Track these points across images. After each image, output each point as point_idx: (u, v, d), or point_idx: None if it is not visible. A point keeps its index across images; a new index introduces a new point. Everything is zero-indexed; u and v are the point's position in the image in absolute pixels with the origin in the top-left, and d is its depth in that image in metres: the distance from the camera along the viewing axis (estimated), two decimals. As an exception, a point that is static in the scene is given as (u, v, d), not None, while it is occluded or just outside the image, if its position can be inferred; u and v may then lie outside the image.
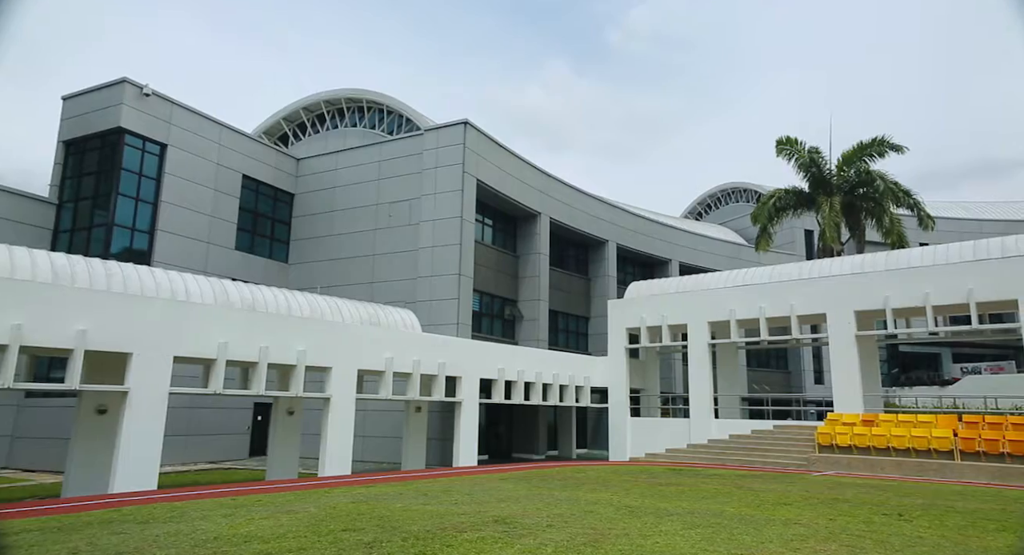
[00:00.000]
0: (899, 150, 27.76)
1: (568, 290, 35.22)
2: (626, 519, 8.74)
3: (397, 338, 19.02)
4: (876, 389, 22.67)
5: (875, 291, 20.26)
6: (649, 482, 13.89)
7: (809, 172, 29.39)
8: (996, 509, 10.43)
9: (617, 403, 24.96)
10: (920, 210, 28.29)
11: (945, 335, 22.25)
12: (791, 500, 11.02)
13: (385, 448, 23.90)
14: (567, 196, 33.35)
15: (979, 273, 18.69)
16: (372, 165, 29.00)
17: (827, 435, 19.00)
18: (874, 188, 28.19)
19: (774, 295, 22.17)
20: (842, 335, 20.74)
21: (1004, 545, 7.53)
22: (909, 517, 9.39)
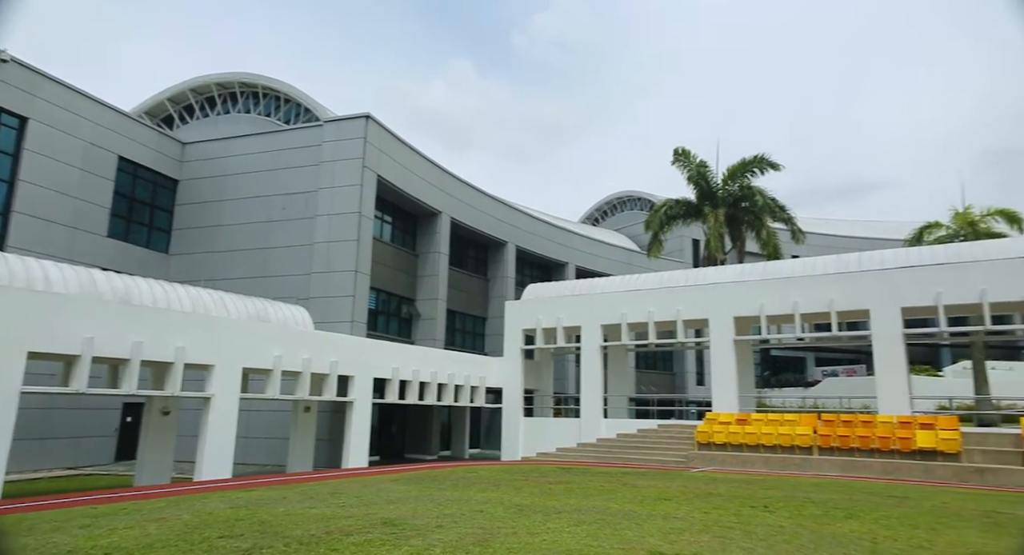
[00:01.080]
0: (776, 168, 30.00)
1: (467, 290, 35.28)
2: (515, 518, 8.86)
3: (287, 335, 18.26)
4: (750, 390, 24.35)
5: (752, 299, 21.76)
6: (539, 481, 14.15)
7: (698, 184, 31.13)
8: (845, 499, 11.49)
9: (511, 403, 25.28)
10: (793, 225, 30.67)
11: (810, 341, 24.27)
12: (671, 495, 11.60)
13: (270, 450, 22.87)
14: (469, 196, 33.40)
15: (840, 285, 20.54)
16: (267, 154, 27.69)
17: (705, 433, 20.18)
18: (754, 202, 30.28)
19: (663, 300, 23.28)
20: (722, 339, 22.11)
21: (849, 530, 8.31)
22: (773, 508, 10.14)
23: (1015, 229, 26.46)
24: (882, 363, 19.70)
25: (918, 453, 17.13)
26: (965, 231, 27.31)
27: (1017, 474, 15.68)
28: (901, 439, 17.47)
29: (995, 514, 10.11)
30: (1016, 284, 18.00)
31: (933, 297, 18.93)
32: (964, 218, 27.73)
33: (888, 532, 8.28)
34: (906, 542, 7.65)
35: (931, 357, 49.34)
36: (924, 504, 11.04)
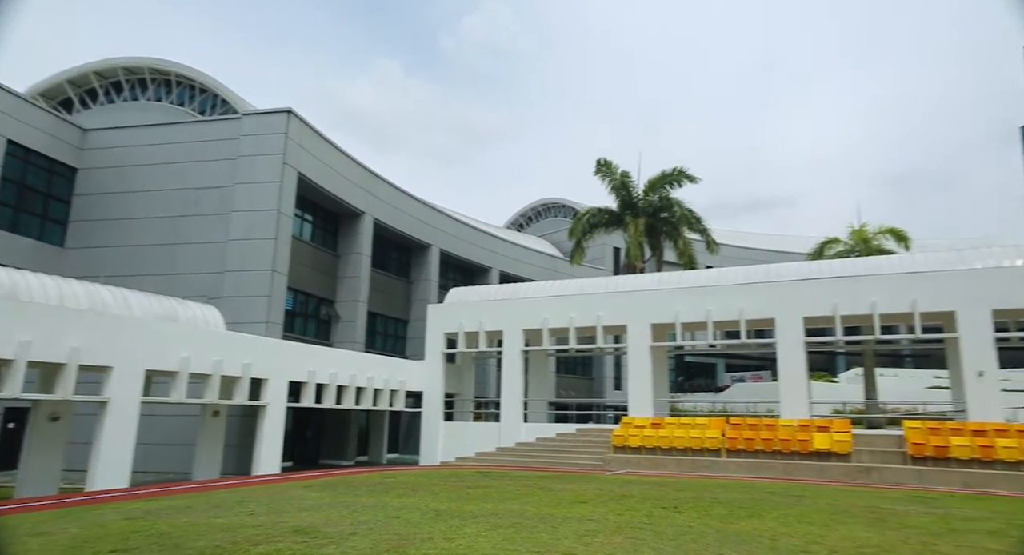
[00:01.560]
0: (693, 180, 31.27)
1: (389, 293, 34.74)
2: (432, 523, 8.77)
3: (196, 336, 17.37)
4: (664, 395, 25.19)
5: (669, 306, 22.55)
6: (457, 485, 14.09)
7: (620, 194, 31.99)
8: (749, 498, 12.07)
9: (431, 407, 25.06)
10: (708, 236, 32.03)
11: (721, 347, 25.38)
12: (586, 498, 11.82)
13: (173, 457, 21.64)
14: (393, 197, 32.93)
15: (749, 295, 21.62)
16: (179, 146, 26.29)
17: (621, 437, 20.70)
18: (672, 213, 31.43)
19: (584, 306, 23.74)
20: (639, 345, 22.77)
21: (751, 528, 8.73)
22: (682, 509, 10.52)
23: (902, 246, 28.70)
24: (785, 369, 20.87)
25: (815, 454, 18.23)
26: (860, 247, 29.37)
27: (899, 472, 16.97)
28: (800, 441, 18.54)
29: (879, 510, 10.89)
30: (902, 297, 19.50)
31: (831, 308, 20.23)
32: (859, 235, 29.82)
33: (786, 529, 8.75)
34: (802, 538, 8.12)
35: (828, 364, 52.65)
36: (819, 502, 11.76)
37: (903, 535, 8.51)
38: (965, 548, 7.76)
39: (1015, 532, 9.07)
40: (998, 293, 18.64)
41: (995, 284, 18.78)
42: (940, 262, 20.38)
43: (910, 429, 18.01)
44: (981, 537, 8.62)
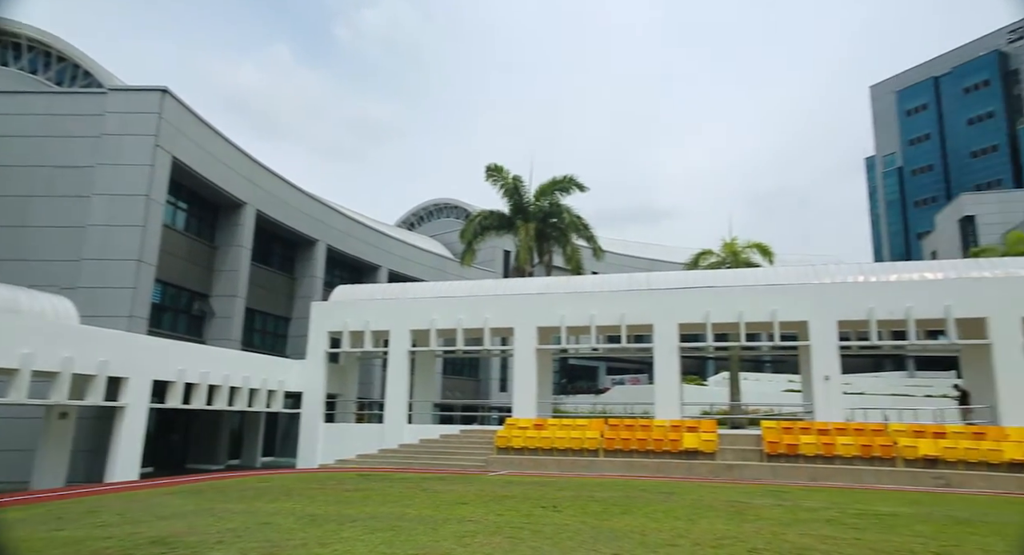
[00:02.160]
0: (583, 188, 32.30)
1: (270, 288, 33.12)
2: (307, 528, 8.44)
3: (42, 329, 15.68)
4: (548, 397, 25.80)
5: (555, 310, 23.12)
6: (336, 489, 13.66)
7: (511, 198, 32.44)
8: (623, 496, 12.62)
9: (311, 408, 24.15)
10: (595, 243, 33.21)
11: (603, 351, 26.37)
12: (468, 499, 11.85)
13: (9, 464, 19.38)
14: (278, 189, 31.46)
15: (630, 301, 22.62)
16: (30, 118, 23.63)
17: (505, 438, 20.96)
18: (562, 219, 32.30)
19: (472, 308, 23.82)
20: (526, 347, 23.17)
21: (624, 524, 9.13)
22: (560, 508, 10.81)
23: (766, 260, 31.22)
24: (660, 372, 22.03)
25: (684, 453, 19.37)
26: (730, 259, 31.62)
27: (757, 469, 18.40)
28: (671, 441, 19.63)
29: (737, 503, 11.75)
30: (764, 307, 21.19)
31: (703, 316, 21.60)
32: (730, 248, 32.08)
33: (656, 524, 9.23)
34: (669, 532, 8.59)
35: (699, 368, 56.18)
36: (685, 498, 12.50)
37: (757, 526, 9.22)
38: (807, 536, 8.54)
39: (848, 520, 10.09)
40: (843, 306, 20.71)
41: (841, 298, 20.85)
42: (797, 276, 22.33)
43: (767, 429, 19.58)
44: (821, 525, 9.52)
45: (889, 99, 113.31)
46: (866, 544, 8.08)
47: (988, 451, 16.98)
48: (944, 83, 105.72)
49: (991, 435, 17.68)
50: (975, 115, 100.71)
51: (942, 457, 17.25)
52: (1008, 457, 16.76)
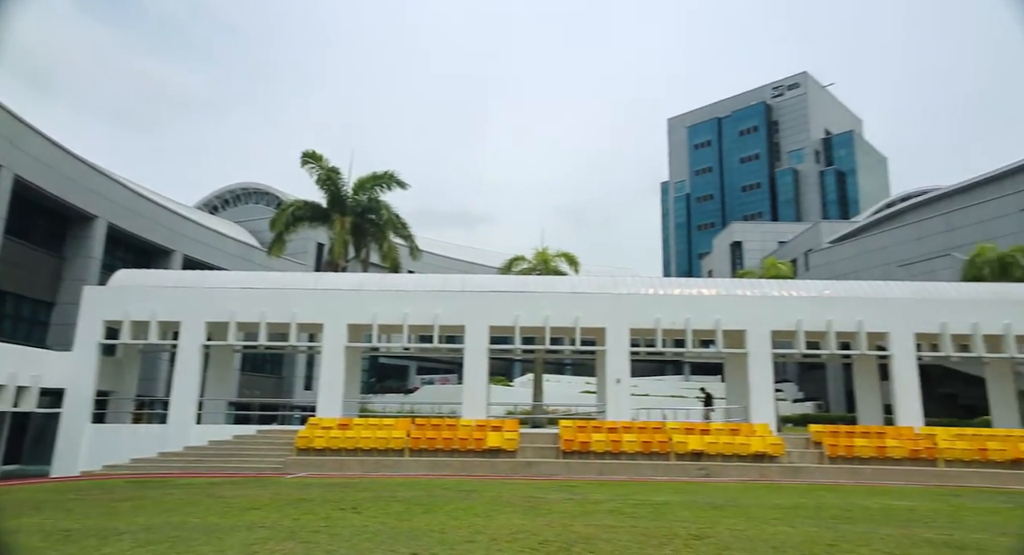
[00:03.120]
0: (403, 186, 31.99)
1: (29, 268, 28.35)
2: (58, 547, 7.33)
3: None
4: (355, 396, 25.12)
5: (368, 308, 22.59)
6: (100, 499, 12.03)
7: (328, 189, 31.14)
8: (426, 495, 12.68)
9: (74, 407, 21.03)
10: (412, 242, 33.05)
11: (415, 350, 26.31)
12: (260, 504, 11.10)
13: None
14: (46, 152, 27.08)
15: (444, 301, 22.85)
16: None
17: (306, 438, 20.00)
18: (380, 216, 31.70)
19: (279, 301, 22.43)
20: (335, 345, 22.34)
21: (425, 524, 9.17)
22: (361, 509, 10.56)
23: (573, 269, 33.42)
24: (470, 373, 22.51)
25: (488, 452, 19.98)
26: (541, 266, 33.35)
27: (553, 465, 19.57)
28: (476, 440, 20.14)
29: (533, 499, 12.38)
30: (568, 313, 22.63)
31: (513, 319, 22.50)
32: (541, 256, 33.83)
33: (455, 522, 9.39)
34: (468, 529, 8.79)
35: (507, 369, 58.47)
36: (486, 495, 12.89)
37: (549, 520, 9.78)
38: (592, 526, 9.26)
39: (628, 509, 11.12)
40: (635, 315, 22.82)
41: (634, 307, 22.96)
42: (598, 286, 24.17)
43: (564, 427, 20.90)
44: (604, 515, 10.38)
45: (682, 132, 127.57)
46: (640, 531, 8.94)
47: (740, 445, 19.74)
48: (725, 124, 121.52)
49: (743, 431, 20.58)
50: (746, 155, 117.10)
51: (706, 451, 19.71)
52: (754, 449, 19.63)
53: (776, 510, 11.52)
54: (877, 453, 19.69)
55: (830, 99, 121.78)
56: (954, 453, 19.65)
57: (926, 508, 12.40)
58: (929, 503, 13.29)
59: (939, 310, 22.68)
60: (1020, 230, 35.03)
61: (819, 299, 23.34)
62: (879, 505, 12.66)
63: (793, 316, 22.60)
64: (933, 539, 8.90)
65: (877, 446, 19.84)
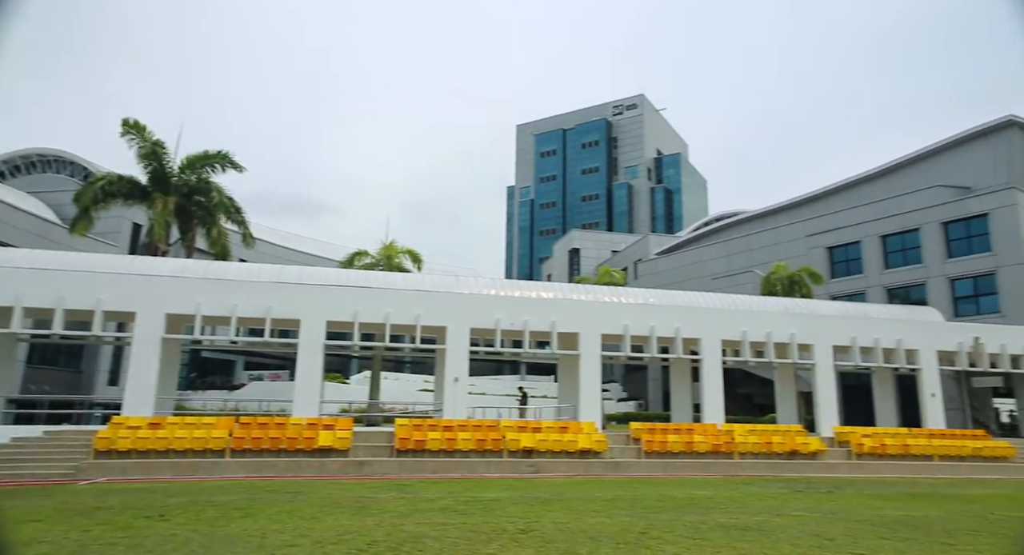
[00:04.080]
0: (239, 168, 29.77)
1: None
2: None
3: None
4: (171, 392, 22.92)
5: (191, 297, 20.71)
6: None
7: (150, 164, 28.15)
8: (246, 499, 11.89)
9: None
10: (246, 229, 30.84)
11: (243, 344, 24.61)
12: (42, 516, 9.73)
13: None
14: None
15: (280, 294, 21.59)
16: None
17: (107, 440, 17.87)
18: (210, 198, 29.23)
19: (80, 285, 19.84)
20: (149, 336, 20.20)
21: (243, 529, 8.58)
22: (169, 516, 9.65)
23: (416, 267, 33.17)
24: (303, 369, 21.47)
25: (318, 451, 19.17)
26: (384, 262, 32.68)
27: (386, 464, 19.25)
28: (306, 439, 19.25)
29: (363, 499, 12.10)
30: (410, 311, 22.42)
31: (352, 315, 21.82)
32: (385, 252, 33.16)
33: (277, 526, 8.89)
34: (291, 532, 8.36)
35: (343, 366, 56.59)
36: (313, 497, 12.36)
37: (379, 520, 9.61)
38: (423, 524, 9.24)
39: (459, 507, 11.25)
40: (476, 315, 23.16)
41: (475, 307, 23.29)
42: (441, 284, 24.25)
43: (399, 426, 20.66)
44: (436, 513, 10.41)
45: (529, 139, 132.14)
46: (470, 527, 9.08)
47: (568, 442, 20.80)
48: (570, 136, 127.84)
49: (571, 429, 21.70)
50: (587, 167, 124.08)
51: (537, 448, 20.51)
52: (581, 446, 20.79)
53: (597, 503, 12.28)
54: (686, 448, 21.73)
55: (663, 122, 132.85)
56: (747, 447, 22.24)
57: (722, 496, 13.91)
58: (725, 491, 14.93)
59: (741, 320, 25.58)
60: (806, 253, 40.56)
61: (644, 306, 25.28)
62: (685, 495, 13.98)
63: (621, 321, 24.25)
64: (725, 523, 10.01)
65: (686, 441, 21.89)
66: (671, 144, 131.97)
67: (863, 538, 8.99)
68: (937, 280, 34.03)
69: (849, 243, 38.50)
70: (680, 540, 8.44)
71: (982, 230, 32.93)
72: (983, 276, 32.64)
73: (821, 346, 25.88)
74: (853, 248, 38.24)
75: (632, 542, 8.25)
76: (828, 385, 25.92)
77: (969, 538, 9.28)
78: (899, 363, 26.90)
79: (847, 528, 9.84)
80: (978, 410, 32.07)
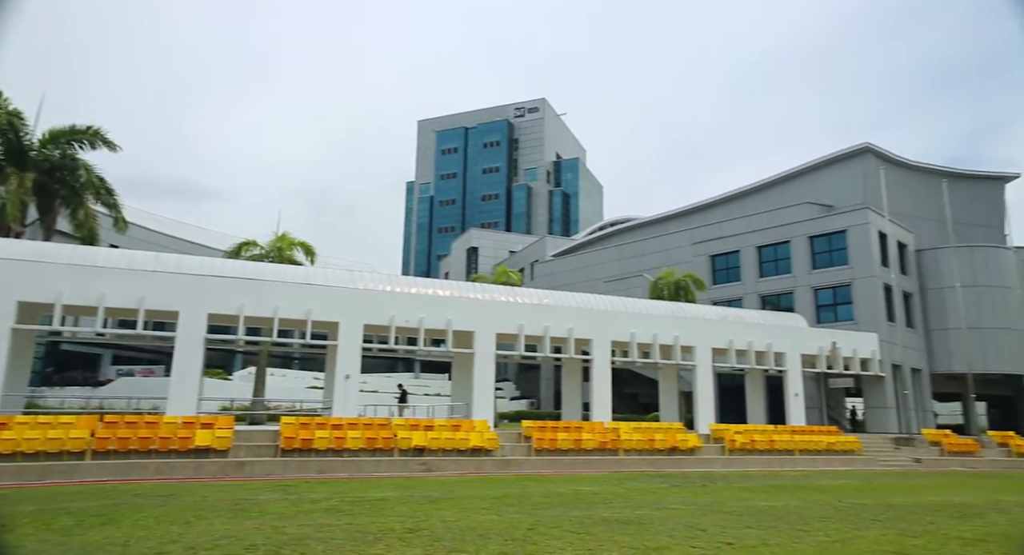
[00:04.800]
0: (112, 147, 27.30)
1: None
2: None
3: None
4: (23, 388, 20.71)
5: (49, 283, 18.81)
6: None
7: (6, 137, 25.28)
8: (109, 504, 10.95)
9: None
10: (118, 212, 28.34)
11: (111, 337, 22.69)
12: None
13: None
14: None
15: (155, 283, 20.06)
16: None
17: (-59, 442, 15.86)
18: (77, 177, 26.66)
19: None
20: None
21: (103, 538, 7.89)
22: (13, 527, 8.70)
23: (309, 260, 31.91)
24: (180, 364, 20.07)
25: (194, 451, 17.99)
26: (274, 254, 31.18)
27: (269, 464, 18.39)
28: (181, 439, 18.01)
29: (243, 501, 11.50)
30: (301, 305, 21.57)
31: (237, 307, 20.68)
32: (278, 242, 31.63)
33: (143, 532, 8.26)
34: (159, 539, 7.79)
35: (226, 361, 53.52)
36: (187, 500, 11.60)
37: (258, 522, 9.16)
38: (306, 526, 8.91)
39: (346, 507, 10.95)
40: (371, 311, 22.66)
41: (370, 303, 22.77)
42: (335, 279, 23.49)
43: (285, 424, 19.81)
44: (320, 514, 10.07)
45: (431, 136, 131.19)
46: (356, 528, 8.86)
47: (460, 440, 20.81)
48: (471, 135, 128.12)
49: (464, 427, 21.73)
50: (488, 167, 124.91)
51: (428, 446, 20.36)
52: (473, 444, 20.86)
53: (486, 500, 12.37)
54: (575, 445, 22.36)
55: (563, 127, 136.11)
56: (631, 444, 23.22)
57: (607, 491, 14.43)
58: (610, 487, 15.51)
59: (630, 322, 26.68)
60: (692, 260, 42.94)
61: (539, 307, 25.76)
62: (571, 491, 14.38)
63: (517, 321, 24.58)
64: (608, 517, 10.39)
65: (575, 439, 22.53)
66: (570, 149, 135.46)
67: (731, 527, 9.63)
68: (803, 289, 37.07)
69: (730, 252, 41.11)
70: (565, 535, 8.66)
71: (841, 245, 36.21)
72: (841, 287, 35.91)
73: (702, 348, 27.50)
74: (733, 257, 40.87)
75: (519, 538, 8.37)
76: (707, 385, 27.58)
77: (821, 524, 10.19)
78: (769, 365, 29.11)
79: (718, 519, 10.50)
80: (833, 408, 35.30)
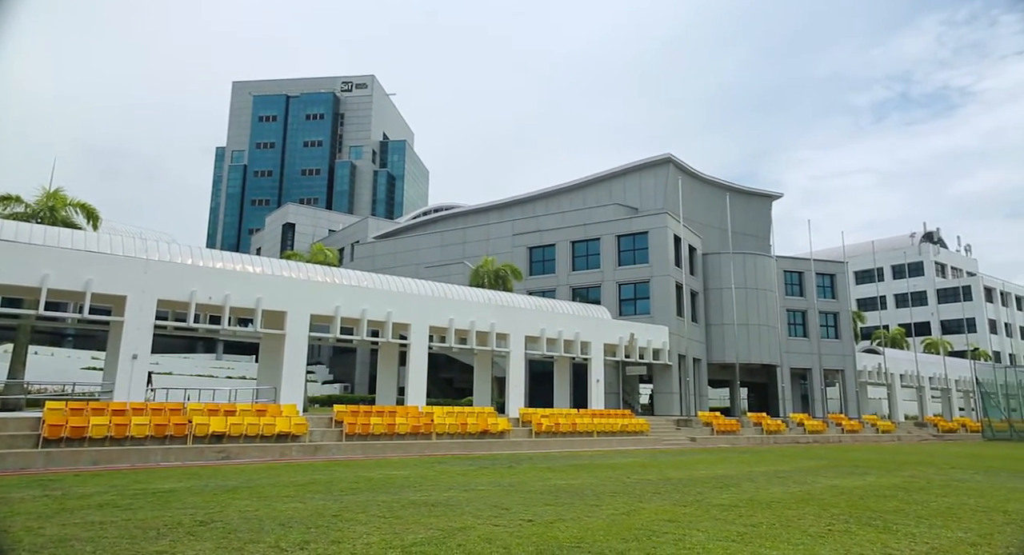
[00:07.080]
0: None
1: None
2: None
3: None
4: None
5: None
6: None
7: None
8: None
9: None
10: None
11: None
12: None
13: None
14: None
15: None
16: None
17: None
18: None
19: None
20: None
21: None
22: None
23: (91, 225, 27.88)
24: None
25: (-79, 444, 14.95)
26: (45, 214, 26.79)
27: (27, 456, 15.84)
28: (-96, 430, 14.86)
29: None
30: (79, 275, 18.84)
31: (-8, 274, 17.51)
32: (46, 201, 27.12)
33: None
34: None
35: (-27, 338, 45.09)
36: (-91, 503, 9.60)
37: (7, 524, 7.87)
38: (71, 525, 7.82)
39: (124, 501, 9.80)
40: (167, 285, 20.46)
41: (166, 277, 20.56)
42: (123, 247, 20.84)
43: (51, 411, 17.21)
44: (92, 511, 8.90)
45: (247, 100, 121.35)
46: (136, 523, 7.98)
47: (265, 425, 19.61)
48: (293, 104, 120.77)
49: (270, 412, 20.52)
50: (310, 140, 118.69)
51: (228, 432, 18.90)
52: (279, 429, 19.78)
53: (290, 488, 11.81)
54: (388, 430, 22.16)
55: (392, 107, 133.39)
56: (444, 428, 23.57)
57: (417, 475, 14.51)
58: (420, 470, 15.61)
59: (449, 308, 27.01)
60: (511, 250, 44.51)
61: (358, 289, 25.08)
62: (381, 476, 14.24)
63: (333, 302, 23.71)
64: (416, 500, 10.47)
65: (388, 423, 22.33)
66: (398, 130, 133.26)
67: (533, 505, 10.19)
68: (609, 283, 40.17)
69: (547, 245, 43.25)
70: (372, 520, 8.55)
71: (643, 245, 39.79)
72: (641, 283, 39.49)
73: (516, 336, 28.67)
74: (549, 250, 43.05)
75: (324, 525, 8.11)
76: (519, 371, 28.84)
77: (611, 498, 11.16)
78: (575, 353, 31.20)
79: (521, 498, 11.05)
80: (628, 393, 38.83)
